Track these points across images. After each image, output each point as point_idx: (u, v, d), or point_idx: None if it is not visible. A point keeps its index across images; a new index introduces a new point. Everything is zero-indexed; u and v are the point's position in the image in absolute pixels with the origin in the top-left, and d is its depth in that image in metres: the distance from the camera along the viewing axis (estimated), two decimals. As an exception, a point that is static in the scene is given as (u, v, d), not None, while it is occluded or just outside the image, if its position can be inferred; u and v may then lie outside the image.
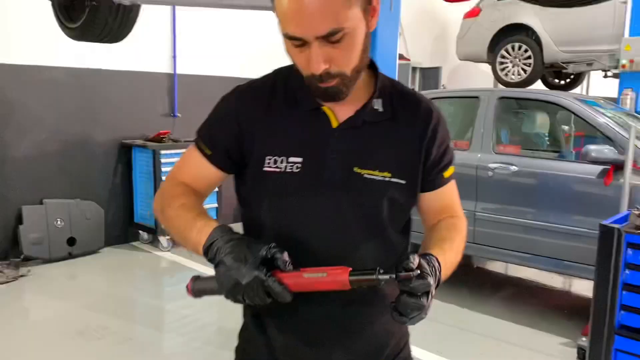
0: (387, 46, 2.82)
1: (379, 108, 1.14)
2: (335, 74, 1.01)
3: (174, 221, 1.11)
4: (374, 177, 1.11)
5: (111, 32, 3.11)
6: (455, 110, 5.27)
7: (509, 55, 7.84)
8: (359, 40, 1.01)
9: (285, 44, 1.03)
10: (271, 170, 1.11)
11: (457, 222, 1.24)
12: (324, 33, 0.95)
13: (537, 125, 4.77)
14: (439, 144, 1.19)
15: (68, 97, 5.37)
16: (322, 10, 0.94)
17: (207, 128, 1.19)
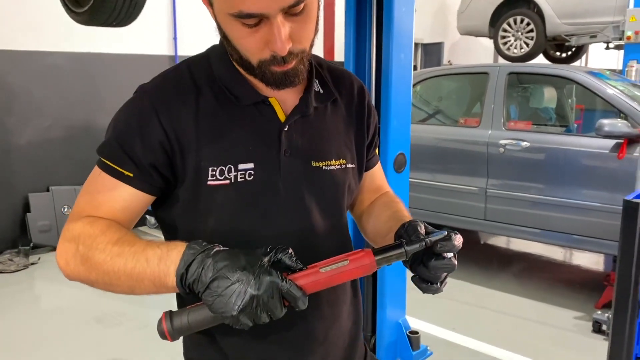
0: (404, 25, 2.77)
1: (319, 89, 1.06)
2: (297, 52, 0.90)
3: (109, 264, 0.85)
4: (332, 167, 1.04)
5: (119, 15, 3.04)
6: (463, 86, 5.23)
7: (510, 29, 7.76)
8: (315, 9, 0.90)
9: (229, 27, 0.89)
10: (218, 183, 0.93)
11: (392, 195, 1.22)
12: (291, 2, 0.83)
13: (545, 99, 4.74)
14: (373, 119, 1.17)
15: (71, 83, 5.30)
16: None
17: (120, 145, 0.93)
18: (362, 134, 1.14)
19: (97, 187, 0.95)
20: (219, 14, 0.90)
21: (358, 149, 1.12)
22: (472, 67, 5.16)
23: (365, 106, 1.15)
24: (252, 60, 0.91)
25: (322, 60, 1.13)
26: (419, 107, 5.26)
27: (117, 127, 0.96)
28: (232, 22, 0.87)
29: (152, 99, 0.95)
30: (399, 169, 2.80)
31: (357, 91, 1.15)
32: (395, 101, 2.76)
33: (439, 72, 5.20)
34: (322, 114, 1.07)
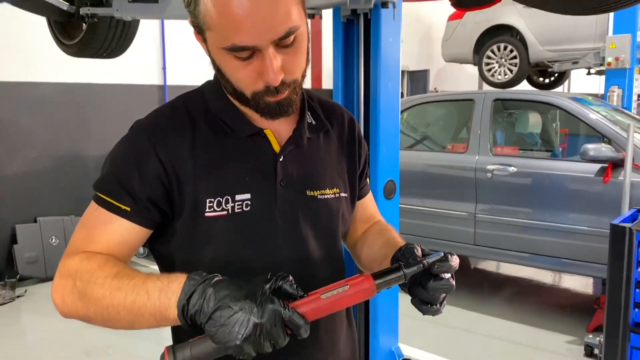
0: (391, 54, 2.82)
1: (312, 121, 1.09)
2: (289, 82, 0.92)
3: (109, 299, 0.84)
4: (327, 197, 1.06)
5: (110, 47, 3.07)
6: (450, 113, 5.31)
7: (494, 56, 7.92)
8: (305, 40, 0.93)
9: (223, 60, 0.91)
10: (216, 215, 0.95)
11: (384, 223, 1.24)
12: (282, 34, 0.86)
13: (531, 125, 4.82)
14: (364, 150, 1.20)
15: (59, 113, 5.30)
16: (277, 8, 0.84)
17: (117, 179, 0.94)
18: (354, 164, 1.16)
19: (94, 222, 0.95)
20: (212, 49, 0.92)
21: (350, 179, 1.15)
22: (458, 94, 5.25)
23: (356, 137, 1.18)
24: (246, 92, 0.94)
25: (312, 93, 1.16)
26: (406, 134, 5.32)
27: (114, 162, 0.97)
28: (225, 56, 0.89)
29: (148, 132, 0.96)
30: (389, 196, 2.82)
31: (347, 123, 1.18)
32: (383, 129, 2.80)
33: (425, 100, 5.28)
34: (315, 144, 1.09)
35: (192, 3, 0.88)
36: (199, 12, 0.88)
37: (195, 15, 0.90)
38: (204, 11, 0.87)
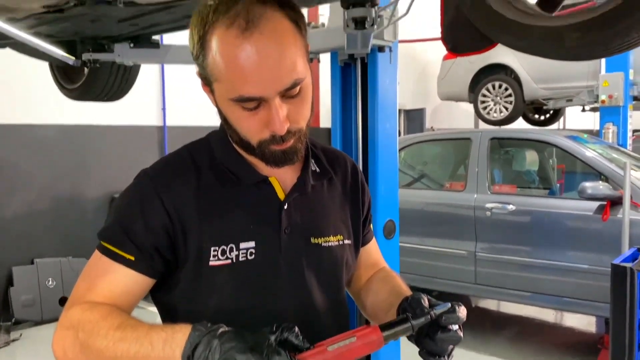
0: (388, 96, 2.86)
1: (316, 168, 1.10)
2: (294, 131, 0.94)
3: (112, 350, 0.83)
4: (331, 244, 1.07)
5: (111, 91, 3.12)
6: (447, 151, 5.35)
7: (489, 94, 8.03)
8: (310, 91, 0.96)
9: (229, 111, 0.94)
10: (220, 263, 0.95)
11: (389, 270, 1.23)
12: (288, 85, 0.88)
13: (528, 162, 4.86)
14: (367, 196, 1.21)
15: (59, 154, 5.32)
16: (284, 59, 0.87)
17: (122, 228, 0.95)
18: (358, 211, 1.17)
19: (97, 272, 0.95)
20: (219, 100, 0.95)
21: (354, 226, 1.16)
22: (454, 133, 5.31)
23: (359, 184, 1.20)
24: (252, 141, 0.95)
25: (315, 141, 1.17)
26: (404, 172, 5.34)
27: (118, 211, 0.98)
28: (232, 106, 0.92)
29: (154, 181, 0.98)
30: (389, 235, 2.81)
31: (350, 170, 1.19)
32: (382, 169, 2.81)
33: (423, 138, 5.33)
34: (319, 191, 1.10)
35: (201, 56, 0.91)
36: (207, 64, 0.91)
37: (203, 68, 0.92)
38: (212, 64, 0.90)
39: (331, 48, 2.80)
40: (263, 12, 0.87)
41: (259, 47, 0.86)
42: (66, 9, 2.08)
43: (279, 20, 0.89)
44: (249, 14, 0.86)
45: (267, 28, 0.87)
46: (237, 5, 0.87)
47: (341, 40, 2.51)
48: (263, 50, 0.86)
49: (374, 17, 2.13)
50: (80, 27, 2.43)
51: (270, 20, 0.87)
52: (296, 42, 0.91)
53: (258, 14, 0.87)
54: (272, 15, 0.88)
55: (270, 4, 0.89)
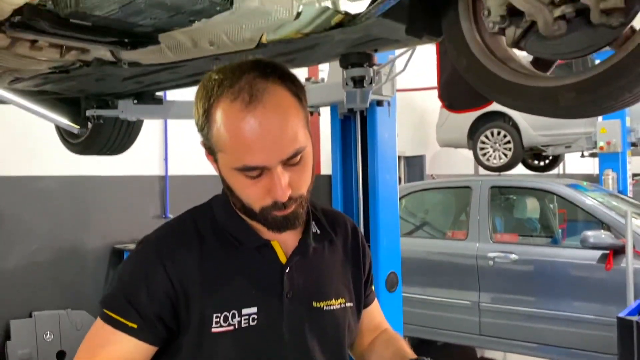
0: (387, 148, 2.90)
1: (317, 230, 1.11)
2: (296, 198, 0.97)
3: None
4: (333, 308, 1.07)
5: (114, 145, 3.16)
6: (448, 199, 5.36)
7: (488, 141, 8.09)
8: (311, 159, 0.99)
9: (233, 179, 0.96)
10: (222, 330, 0.96)
11: (392, 332, 1.23)
12: (290, 155, 0.92)
13: (529, 210, 4.86)
14: (368, 257, 1.21)
15: (60, 205, 5.33)
16: (286, 130, 0.91)
17: (125, 297, 0.95)
18: (359, 273, 1.17)
19: (99, 341, 0.95)
20: (223, 168, 0.98)
21: (356, 288, 1.15)
22: (454, 181, 5.34)
23: (360, 245, 1.20)
24: (255, 207, 0.97)
25: (315, 202, 1.19)
26: (406, 219, 5.33)
27: (122, 279, 0.99)
28: (236, 175, 0.95)
29: (157, 249, 0.99)
30: (391, 288, 2.79)
31: (351, 231, 1.20)
32: (383, 220, 2.81)
33: (423, 187, 5.36)
34: (320, 254, 1.11)
35: (205, 127, 0.95)
36: (211, 135, 0.95)
37: (207, 138, 0.96)
38: (217, 135, 0.93)
39: (331, 102, 2.86)
40: (265, 86, 0.91)
41: (262, 120, 0.90)
42: (72, 70, 2.13)
43: (280, 94, 0.93)
44: (253, 89, 0.90)
45: (269, 102, 0.91)
46: (241, 80, 0.91)
47: (340, 95, 2.56)
48: (266, 122, 0.90)
49: (372, 76, 2.17)
50: (85, 85, 2.48)
51: (272, 94, 0.92)
52: (297, 114, 0.95)
53: (261, 88, 0.91)
54: (274, 89, 0.92)
55: (272, 79, 0.93)
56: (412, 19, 1.64)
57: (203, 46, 1.90)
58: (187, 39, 1.88)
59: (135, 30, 1.66)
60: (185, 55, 1.98)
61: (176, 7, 1.43)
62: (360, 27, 1.60)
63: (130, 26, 1.60)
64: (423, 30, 1.70)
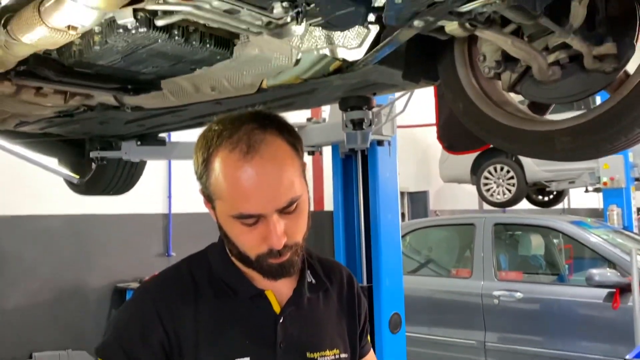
0: (389, 188, 2.90)
1: (312, 280, 1.11)
2: (291, 245, 0.98)
3: None
4: (327, 359, 1.06)
5: (117, 186, 3.18)
6: (451, 236, 5.33)
7: (491, 177, 8.07)
8: (306, 207, 1.00)
9: (229, 226, 0.98)
10: None
11: None
12: (285, 204, 0.94)
13: (534, 247, 4.82)
14: (364, 307, 1.21)
15: (63, 244, 5.33)
16: (282, 180, 0.94)
17: (120, 345, 0.96)
18: (354, 323, 1.16)
19: None
20: (220, 216, 0.99)
21: (351, 339, 1.14)
22: (458, 218, 5.32)
23: (355, 295, 1.19)
24: (251, 255, 0.98)
25: (311, 251, 1.19)
26: (410, 257, 5.30)
27: (118, 327, 1.00)
28: (232, 222, 0.96)
29: (153, 298, 1.00)
30: (395, 330, 2.75)
31: (346, 280, 1.20)
32: (385, 260, 2.80)
33: (426, 224, 5.35)
34: (315, 304, 1.10)
35: (204, 176, 0.98)
36: (209, 184, 0.97)
37: (206, 187, 0.99)
38: (215, 183, 0.96)
39: (332, 142, 2.88)
40: (263, 137, 0.94)
41: (259, 170, 0.92)
42: (76, 114, 2.17)
43: (277, 145, 0.96)
44: (251, 139, 0.93)
45: (267, 152, 0.93)
46: (239, 131, 0.95)
47: (341, 135, 2.59)
48: (263, 172, 0.93)
49: (371, 118, 2.20)
50: (89, 128, 2.52)
51: (269, 145, 0.94)
52: (294, 164, 0.98)
53: (259, 139, 0.94)
54: (271, 140, 0.95)
55: (270, 130, 0.96)
56: (409, 64, 1.67)
57: (205, 91, 1.94)
58: (189, 84, 1.92)
59: (138, 77, 1.69)
60: (188, 100, 2.02)
61: (177, 56, 1.46)
62: (357, 73, 1.64)
63: (133, 74, 1.64)
64: (420, 75, 1.73)
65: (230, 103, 1.99)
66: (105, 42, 1.33)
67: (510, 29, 1.40)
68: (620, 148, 1.46)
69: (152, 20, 1.25)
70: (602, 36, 1.40)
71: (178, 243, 6.16)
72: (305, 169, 1.03)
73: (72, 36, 1.19)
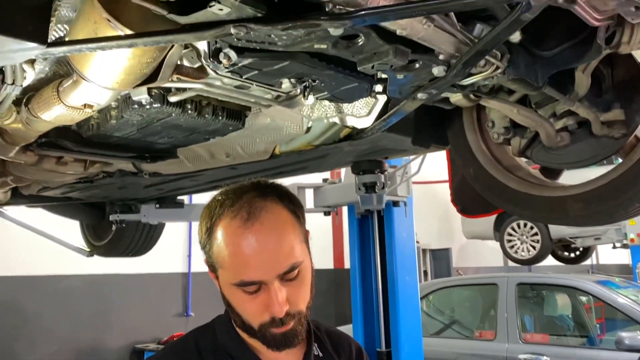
0: (406, 249, 2.88)
1: (319, 353, 1.10)
2: (294, 314, 0.97)
3: None
4: None
5: (136, 247, 3.22)
6: (474, 296, 5.20)
7: (515, 233, 7.93)
8: (309, 274, 1.01)
9: (232, 295, 0.99)
10: None
11: None
12: (286, 269, 0.94)
13: (560, 307, 4.66)
14: None
15: (82, 304, 5.35)
16: (282, 245, 0.95)
17: None
18: None
19: None
20: (223, 285, 1.00)
21: None
22: (480, 277, 5.22)
23: None
24: (254, 324, 0.98)
25: (319, 324, 1.18)
26: (432, 317, 5.18)
27: None
28: (235, 291, 0.97)
29: None
30: (415, 396, 2.66)
31: (355, 354, 1.17)
32: (404, 324, 2.75)
33: (449, 283, 5.24)
34: None
35: (207, 245, 0.99)
36: (212, 252, 0.98)
37: (209, 256, 1.00)
38: (217, 252, 0.97)
39: (347, 202, 2.89)
40: (264, 204, 0.97)
41: (259, 236, 0.94)
42: (96, 180, 2.23)
43: (278, 212, 0.98)
44: (251, 207, 0.96)
45: (267, 218, 0.95)
46: (241, 199, 0.97)
47: (356, 195, 2.60)
48: (263, 238, 0.94)
49: (384, 181, 2.21)
50: (109, 192, 2.58)
51: (269, 212, 0.96)
52: (294, 230, 0.99)
53: (259, 206, 0.96)
54: (271, 207, 0.97)
55: (270, 198, 0.99)
56: (418, 130, 1.69)
57: (219, 157, 1.99)
58: (204, 151, 1.97)
59: (154, 146, 1.74)
60: (203, 166, 2.06)
61: (191, 128, 1.51)
62: (367, 139, 1.66)
63: (149, 144, 1.69)
64: (430, 140, 1.75)
65: (245, 168, 2.03)
66: (122, 116, 1.38)
67: (516, 97, 1.42)
68: (636, 214, 1.44)
69: (166, 96, 1.30)
70: (610, 103, 1.41)
71: (197, 303, 6.13)
72: (309, 237, 1.04)
73: (88, 114, 1.24)
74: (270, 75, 1.13)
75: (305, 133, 1.71)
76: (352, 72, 1.12)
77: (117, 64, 1.06)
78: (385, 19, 0.84)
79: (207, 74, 1.20)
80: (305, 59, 1.04)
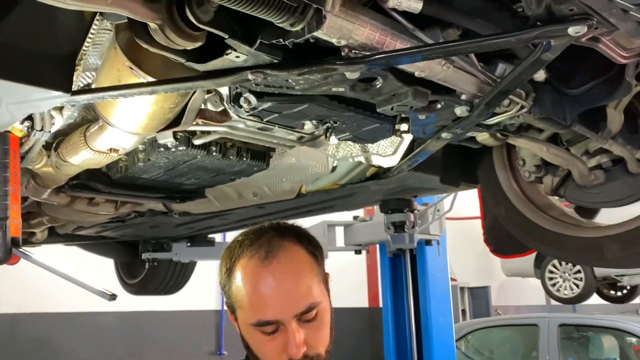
0: (440, 289, 2.81)
1: None
2: (312, 356, 0.96)
3: None
4: None
5: (168, 285, 3.24)
6: (514, 337, 5.02)
7: (557, 270, 7.64)
8: (328, 316, 1.00)
9: (251, 336, 0.98)
10: None
11: None
12: (303, 309, 0.94)
13: (606, 350, 4.44)
14: None
15: (115, 341, 5.38)
16: (299, 285, 0.95)
17: None
18: None
19: None
20: (242, 326, 0.99)
21: None
22: (520, 318, 5.04)
23: None
24: None
25: None
26: (471, 358, 5.00)
27: None
28: (253, 331, 0.96)
29: None
30: None
31: None
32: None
33: (487, 324, 5.08)
34: None
35: (227, 285, 1.00)
36: (231, 293, 0.98)
37: (228, 296, 1.00)
38: (236, 292, 0.97)
39: (378, 241, 2.85)
40: (281, 244, 0.97)
41: (276, 275, 0.95)
42: (127, 219, 2.26)
43: (295, 252, 0.98)
44: (269, 246, 0.96)
45: (284, 258, 0.96)
46: (260, 239, 0.98)
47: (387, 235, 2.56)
48: (280, 277, 0.95)
49: (414, 220, 2.17)
50: (141, 231, 2.62)
51: (287, 251, 0.97)
52: (312, 270, 0.99)
53: (277, 246, 0.97)
54: (289, 247, 0.98)
55: (289, 238, 0.99)
56: (447, 169, 1.66)
57: (247, 197, 1.99)
58: (232, 191, 1.98)
59: (182, 187, 1.76)
60: (232, 205, 2.08)
61: (216, 169, 1.52)
62: (394, 178, 1.64)
63: (177, 185, 1.71)
64: (459, 179, 1.72)
65: (272, 207, 2.04)
66: (148, 159, 1.41)
67: (546, 135, 1.38)
68: (679, 255, 1.37)
69: (191, 139, 1.32)
70: (645, 139, 1.36)
71: (230, 341, 6.08)
72: (329, 279, 1.03)
73: (114, 157, 1.27)
74: (291, 118, 1.13)
75: (331, 172, 1.71)
76: (372, 113, 1.11)
77: (141, 109, 1.08)
78: (401, 63, 0.83)
79: (230, 117, 1.22)
80: (325, 102, 1.04)
